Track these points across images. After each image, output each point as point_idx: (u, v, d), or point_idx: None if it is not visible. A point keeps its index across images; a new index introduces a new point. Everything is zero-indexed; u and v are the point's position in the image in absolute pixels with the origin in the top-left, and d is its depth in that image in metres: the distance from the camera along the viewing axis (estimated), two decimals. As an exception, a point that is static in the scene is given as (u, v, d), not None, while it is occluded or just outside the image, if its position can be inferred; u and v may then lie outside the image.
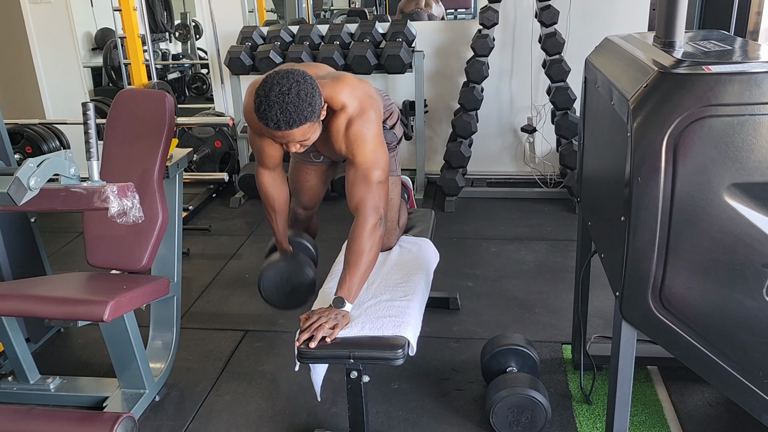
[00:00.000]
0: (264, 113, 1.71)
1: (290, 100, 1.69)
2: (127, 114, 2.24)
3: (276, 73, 1.75)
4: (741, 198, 1.32)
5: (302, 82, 1.73)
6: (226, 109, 4.53)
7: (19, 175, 1.53)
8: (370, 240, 1.92)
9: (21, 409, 1.94)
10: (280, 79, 1.72)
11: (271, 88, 1.70)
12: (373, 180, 1.95)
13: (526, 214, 3.78)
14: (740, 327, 1.41)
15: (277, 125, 1.72)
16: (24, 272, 2.47)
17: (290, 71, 1.75)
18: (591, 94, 1.89)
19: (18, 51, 4.79)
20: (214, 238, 3.71)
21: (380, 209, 1.96)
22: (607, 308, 2.65)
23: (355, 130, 1.92)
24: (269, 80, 1.72)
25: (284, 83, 1.70)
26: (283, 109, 1.70)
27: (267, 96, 1.70)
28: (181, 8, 6.77)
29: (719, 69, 1.29)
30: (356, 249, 1.91)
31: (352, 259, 1.90)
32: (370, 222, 1.92)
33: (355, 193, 1.96)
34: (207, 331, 2.70)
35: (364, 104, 1.94)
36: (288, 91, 1.70)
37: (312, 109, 1.74)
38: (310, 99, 1.73)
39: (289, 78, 1.72)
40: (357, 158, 1.95)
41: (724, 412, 2.07)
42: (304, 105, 1.72)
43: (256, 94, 1.73)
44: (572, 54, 3.71)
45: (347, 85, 1.94)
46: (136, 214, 1.66)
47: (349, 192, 1.98)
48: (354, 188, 1.96)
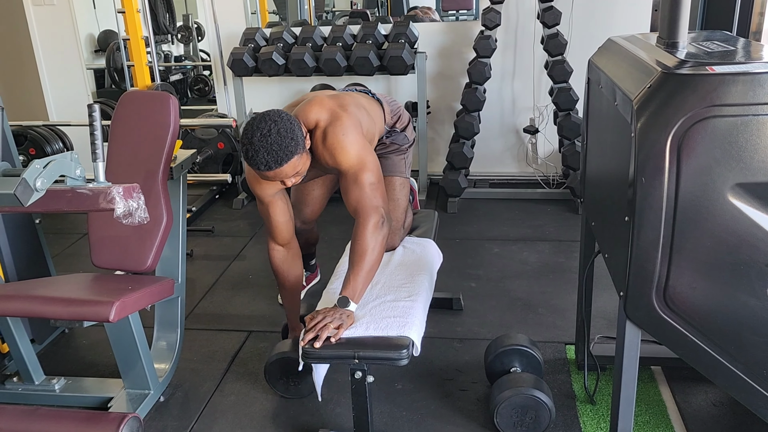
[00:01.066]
0: (252, 158, 1.81)
1: (272, 140, 1.79)
2: (131, 115, 2.25)
3: (254, 119, 1.85)
4: (745, 198, 1.32)
5: (279, 120, 1.83)
6: (229, 110, 4.54)
7: (25, 176, 1.54)
8: (373, 239, 1.93)
9: (27, 410, 1.94)
10: (258, 123, 1.82)
11: (252, 134, 1.81)
12: (364, 182, 1.98)
13: (529, 215, 3.78)
14: (744, 326, 1.41)
15: (268, 166, 1.82)
16: (29, 273, 2.48)
17: (265, 114, 1.85)
18: (594, 95, 1.90)
19: (21, 53, 4.80)
20: (217, 239, 3.72)
21: (380, 208, 1.97)
22: (610, 309, 2.65)
23: (331, 140, 1.98)
24: (249, 128, 1.83)
25: (263, 126, 1.81)
26: (268, 150, 1.79)
27: (251, 142, 1.80)
28: (183, 10, 6.79)
29: (723, 69, 1.30)
30: (359, 249, 1.92)
31: (356, 258, 1.92)
32: (371, 221, 1.94)
33: (350, 198, 2.00)
34: (211, 332, 2.71)
35: (335, 113, 2.01)
36: (268, 132, 1.80)
37: (295, 143, 1.84)
38: (291, 134, 1.83)
39: (266, 120, 1.82)
40: (342, 165, 2.00)
41: (728, 412, 2.07)
42: (286, 141, 1.81)
43: (242, 143, 1.84)
44: (574, 55, 3.71)
45: (316, 103, 2.04)
46: (141, 215, 1.67)
47: (346, 199, 2.03)
48: (349, 194, 2.01)
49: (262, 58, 3.97)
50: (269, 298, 2.98)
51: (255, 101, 4.37)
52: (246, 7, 4.40)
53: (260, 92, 4.37)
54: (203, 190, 4.34)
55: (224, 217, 4.05)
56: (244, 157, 1.84)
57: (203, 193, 4.29)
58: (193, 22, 6.76)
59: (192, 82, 6.75)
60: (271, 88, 4.35)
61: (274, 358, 2.18)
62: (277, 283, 2.31)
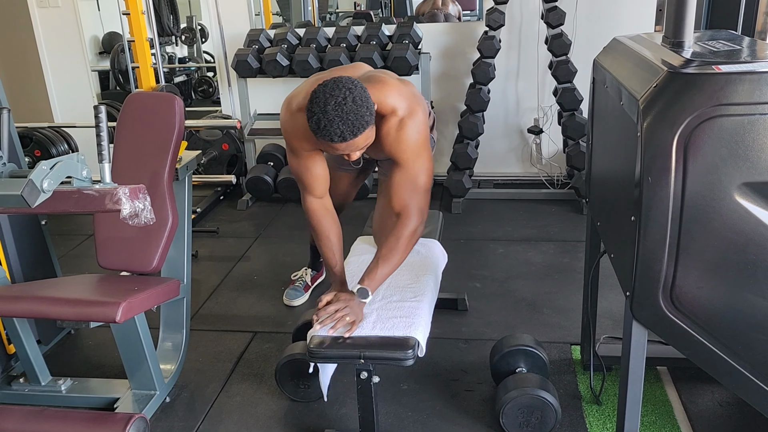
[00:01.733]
0: (326, 129, 1.69)
1: (348, 109, 1.67)
2: (137, 117, 2.25)
3: (324, 86, 1.70)
4: (752, 197, 1.32)
5: (353, 88, 1.70)
6: (234, 111, 4.54)
7: (32, 177, 1.55)
8: (409, 242, 1.96)
9: (34, 410, 1.95)
10: (331, 91, 1.68)
11: (326, 102, 1.67)
12: (420, 185, 1.96)
13: (533, 215, 3.78)
14: (751, 326, 1.41)
15: (342, 137, 1.70)
16: (35, 274, 2.49)
17: (337, 81, 1.71)
18: (599, 95, 1.90)
19: (26, 55, 4.82)
20: (221, 240, 3.73)
21: (424, 213, 1.98)
22: (615, 309, 2.65)
23: (406, 134, 1.90)
24: (320, 96, 1.69)
25: (338, 94, 1.67)
26: (344, 120, 1.67)
27: (324, 111, 1.67)
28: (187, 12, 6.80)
29: (729, 68, 1.30)
30: (394, 246, 1.95)
31: (388, 255, 1.94)
32: (413, 225, 1.96)
33: (401, 196, 1.97)
34: (216, 333, 2.71)
35: (413, 105, 1.92)
36: (344, 101, 1.67)
37: (370, 113, 1.74)
38: (366, 103, 1.72)
39: (340, 87, 1.69)
40: (406, 163, 1.94)
41: (735, 412, 2.07)
42: (363, 111, 1.70)
43: (311, 112, 1.70)
44: (579, 55, 3.71)
45: (393, 87, 1.92)
46: (147, 216, 1.68)
47: (395, 194, 1.98)
48: (400, 191, 1.97)
49: (266, 59, 3.98)
50: (274, 298, 2.98)
51: (259, 102, 4.38)
52: (250, 9, 4.41)
53: (264, 93, 4.38)
54: (208, 191, 4.35)
55: (229, 218, 4.06)
56: (314, 127, 1.70)
57: (208, 194, 4.30)
58: (197, 23, 6.77)
59: (196, 83, 6.77)
60: (276, 89, 4.35)
61: (285, 360, 2.18)
62: (320, 238, 2.09)
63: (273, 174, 4.15)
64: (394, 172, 1.99)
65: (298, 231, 3.77)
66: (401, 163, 1.95)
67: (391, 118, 1.89)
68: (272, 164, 4.22)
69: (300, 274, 2.99)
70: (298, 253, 3.47)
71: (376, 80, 1.93)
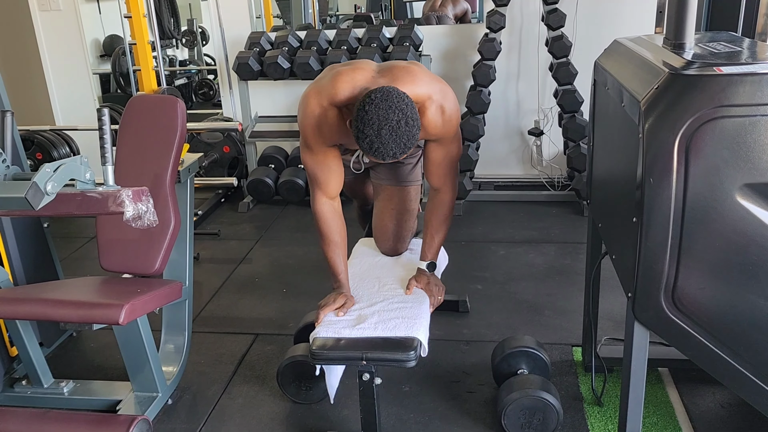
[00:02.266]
0: (378, 151, 1.71)
1: (402, 132, 1.69)
2: (139, 119, 2.26)
3: (374, 105, 1.69)
4: (753, 198, 1.32)
5: (405, 108, 1.70)
6: (235, 114, 4.55)
7: (36, 180, 1.55)
8: (451, 213, 2.16)
9: (36, 412, 1.95)
10: (385, 114, 1.68)
11: (380, 126, 1.67)
12: (456, 160, 2.09)
13: (534, 217, 3.78)
14: (753, 327, 1.41)
15: (394, 156, 1.73)
16: (37, 277, 2.50)
17: (388, 99, 1.69)
18: (600, 97, 1.90)
19: (28, 58, 4.83)
20: (223, 242, 3.73)
21: (457, 183, 2.14)
22: (616, 310, 2.65)
23: (447, 116, 1.95)
24: (374, 118, 1.68)
25: (392, 117, 1.68)
26: (398, 143, 1.70)
27: (378, 135, 1.68)
28: (188, 15, 6.81)
29: (730, 70, 1.30)
30: (444, 217, 2.14)
31: (440, 227, 2.14)
32: (453, 196, 2.13)
33: (441, 173, 2.08)
34: (218, 335, 2.71)
35: (440, 86, 1.97)
36: (398, 125, 1.68)
37: (418, 127, 1.76)
38: (416, 121, 1.74)
39: (392, 109, 1.68)
40: (447, 142, 2.02)
41: (737, 414, 2.07)
42: (414, 130, 1.72)
43: (363, 133, 1.69)
44: (579, 57, 3.71)
45: (420, 75, 1.92)
46: (150, 218, 1.68)
47: (436, 172, 2.08)
48: (441, 169, 2.07)
49: (267, 62, 3.98)
50: (276, 300, 2.99)
51: (260, 105, 4.39)
52: (251, 11, 4.42)
53: (265, 96, 4.39)
54: (209, 193, 4.36)
55: (230, 220, 4.06)
56: (365, 147, 1.71)
57: (209, 197, 4.30)
58: (198, 26, 6.79)
59: (197, 86, 6.78)
60: (277, 91, 4.36)
61: (286, 362, 2.18)
62: (325, 241, 2.08)
63: (274, 176, 4.16)
64: (433, 150, 2.05)
65: (299, 233, 3.77)
66: (443, 143, 2.02)
67: (429, 106, 1.92)
68: (273, 167, 4.23)
69: None
70: (300, 255, 3.48)
71: (403, 75, 1.91)
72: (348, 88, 1.87)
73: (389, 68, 1.95)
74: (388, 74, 1.90)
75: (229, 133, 4.31)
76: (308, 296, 2.94)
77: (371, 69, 1.96)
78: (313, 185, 2.07)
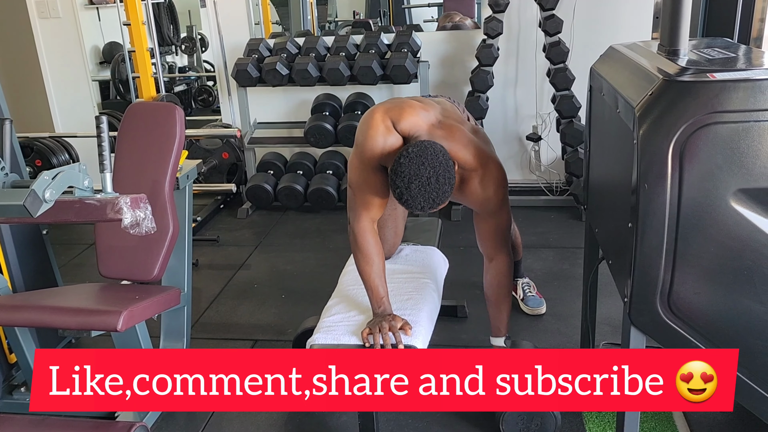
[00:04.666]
0: (407, 203, 1.75)
1: (432, 188, 1.72)
2: (138, 126, 2.27)
3: (409, 158, 1.73)
4: (747, 203, 1.33)
5: (438, 166, 1.73)
6: (234, 120, 4.56)
7: (34, 187, 1.56)
8: (509, 279, 2.09)
9: (35, 420, 1.95)
10: (416, 168, 1.71)
11: (410, 180, 1.71)
12: (506, 229, 2.05)
13: (533, 222, 3.79)
14: (748, 332, 1.42)
15: (423, 209, 1.77)
16: (36, 284, 2.50)
17: (423, 153, 1.73)
18: (596, 103, 1.91)
19: (28, 65, 4.84)
20: (222, 248, 3.74)
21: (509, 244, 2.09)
22: (614, 315, 2.66)
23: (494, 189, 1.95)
24: (406, 170, 1.71)
25: (423, 173, 1.71)
26: (426, 198, 1.73)
27: (408, 188, 1.72)
28: (187, 21, 6.83)
29: (724, 76, 1.31)
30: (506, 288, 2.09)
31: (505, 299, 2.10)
32: (510, 262, 2.08)
33: (492, 245, 2.06)
34: (217, 341, 2.72)
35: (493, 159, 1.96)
36: (428, 181, 1.71)
37: (451, 186, 1.78)
38: (449, 179, 1.76)
39: (425, 165, 1.71)
40: (494, 214, 2.00)
41: (735, 418, 2.07)
42: (445, 188, 1.75)
43: (395, 184, 1.74)
44: (576, 62, 3.72)
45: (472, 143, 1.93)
46: (148, 225, 1.69)
47: (486, 242, 2.07)
48: (491, 240, 2.05)
49: (266, 69, 4.00)
50: (275, 307, 2.99)
51: (259, 111, 4.40)
52: (249, 18, 4.43)
53: (264, 102, 4.40)
54: (208, 200, 4.36)
55: (229, 226, 4.07)
56: (396, 196, 1.76)
57: (208, 203, 4.31)
58: (197, 33, 6.81)
59: (196, 92, 6.79)
60: (275, 97, 4.37)
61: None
62: (366, 261, 2.00)
63: (273, 182, 4.17)
64: (481, 222, 2.06)
65: (298, 239, 3.78)
66: (491, 215, 2.01)
67: (473, 175, 1.93)
68: (272, 173, 4.24)
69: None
70: (299, 261, 3.48)
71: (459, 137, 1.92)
72: (411, 121, 1.89)
73: (449, 126, 1.95)
74: (447, 129, 1.93)
75: (228, 139, 4.32)
76: (307, 302, 2.94)
77: (436, 114, 1.98)
78: (357, 204, 1.99)
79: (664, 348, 1.51)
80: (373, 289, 1.98)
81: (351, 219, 2.01)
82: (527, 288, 2.83)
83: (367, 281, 2.00)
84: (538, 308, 2.76)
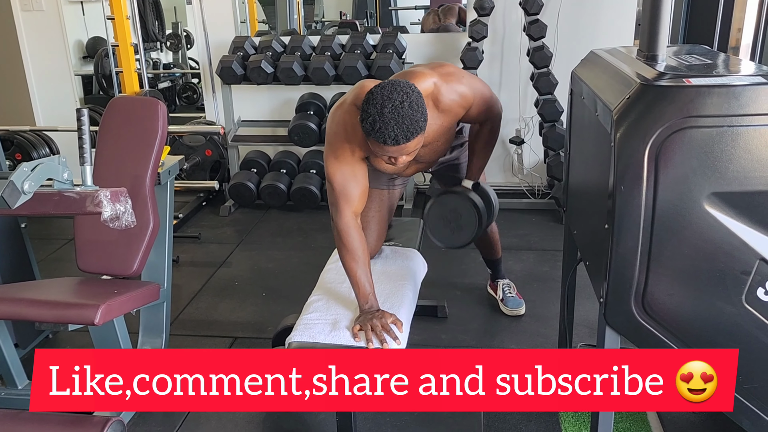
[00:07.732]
0: (380, 131, 1.71)
1: (404, 113, 1.70)
2: (120, 121, 2.26)
3: (381, 87, 1.73)
4: (720, 207, 1.36)
5: (410, 92, 1.73)
6: (217, 118, 4.54)
7: (13, 179, 1.55)
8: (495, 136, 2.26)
9: (9, 413, 1.93)
10: (389, 94, 1.71)
11: (383, 104, 1.70)
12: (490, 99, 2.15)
13: (514, 225, 3.81)
14: (721, 333, 1.44)
15: (396, 140, 1.72)
16: (13, 278, 2.48)
17: (395, 84, 1.74)
18: (577, 106, 1.94)
19: (9, 58, 4.78)
20: (203, 245, 3.72)
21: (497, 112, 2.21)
22: (592, 317, 2.68)
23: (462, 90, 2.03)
24: (377, 98, 1.71)
25: (395, 98, 1.70)
26: (399, 124, 1.70)
27: (381, 114, 1.69)
28: (173, 18, 6.80)
29: (699, 82, 1.34)
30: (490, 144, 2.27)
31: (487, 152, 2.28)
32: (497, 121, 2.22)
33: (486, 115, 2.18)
34: (196, 338, 2.71)
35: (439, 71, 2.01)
36: (401, 104, 1.70)
37: (424, 118, 1.76)
38: (422, 108, 1.75)
39: (397, 91, 1.72)
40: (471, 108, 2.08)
41: (708, 419, 2.11)
42: (417, 115, 1.72)
43: (366, 113, 1.72)
44: (560, 67, 3.76)
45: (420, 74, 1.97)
46: (128, 219, 1.68)
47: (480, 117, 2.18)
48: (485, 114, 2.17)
49: (251, 66, 3.99)
50: (255, 304, 2.99)
51: (243, 109, 4.39)
52: (235, 16, 4.42)
53: (248, 100, 4.39)
54: (190, 197, 4.34)
55: (211, 224, 4.05)
56: (368, 128, 1.72)
57: (190, 200, 4.29)
58: (182, 29, 6.77)
59: (180, 89, 6.76)
60: (260, 96, 4.37)
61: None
62: (351, 257, 1.97)
63: (256, 180, 4.16)
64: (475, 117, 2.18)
65: (280, 238, 3.78)
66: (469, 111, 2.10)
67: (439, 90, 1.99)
68: (255, 171, 4.23)
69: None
70: (280, 259, 3.48)
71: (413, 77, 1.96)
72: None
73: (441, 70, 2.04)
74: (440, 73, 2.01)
75: (211, 136, 4.31)
76: (287, 300, 2.94)
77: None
78: (339, 199, 1.97)
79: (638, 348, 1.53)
80: (359, 286, 1.97)
81: (333, 215, 2.00)
82: (507, 289, 2.85)
83: (353, 277, 1.98)
84: (517, 309, 2.79)
